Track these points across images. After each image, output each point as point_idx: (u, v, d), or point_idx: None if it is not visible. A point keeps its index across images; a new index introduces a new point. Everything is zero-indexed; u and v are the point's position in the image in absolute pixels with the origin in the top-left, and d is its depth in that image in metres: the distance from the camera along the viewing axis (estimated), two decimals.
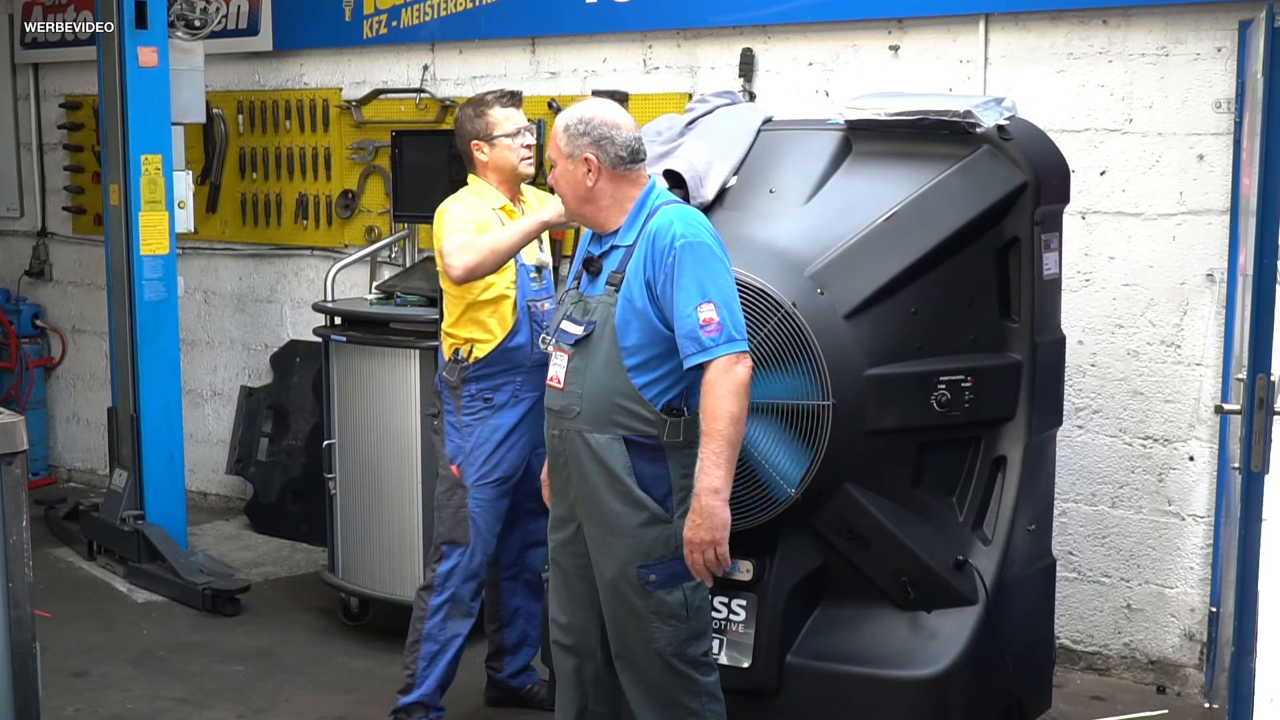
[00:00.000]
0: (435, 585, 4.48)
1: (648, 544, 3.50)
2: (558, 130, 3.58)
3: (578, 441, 3.54)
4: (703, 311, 3.35)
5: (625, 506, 3.49)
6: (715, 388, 3.34)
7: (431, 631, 4.47)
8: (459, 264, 4.19)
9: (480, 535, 4.48)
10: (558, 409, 3.59)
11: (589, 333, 3.52)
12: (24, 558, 3.17)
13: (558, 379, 3.58)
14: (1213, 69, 4.76)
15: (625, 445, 3.48)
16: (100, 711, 4.89)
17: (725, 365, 3.35)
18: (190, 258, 7.37)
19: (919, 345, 3.89)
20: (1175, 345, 4.91)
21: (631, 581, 3.51)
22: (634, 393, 3.46)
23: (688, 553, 3.40)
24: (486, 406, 4.47)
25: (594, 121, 3.53)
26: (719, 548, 3.37)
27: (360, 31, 6.68)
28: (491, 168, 4.51)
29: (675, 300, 3.39)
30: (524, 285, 4.47)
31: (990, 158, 3.94)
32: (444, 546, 4.49)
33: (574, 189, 3.58)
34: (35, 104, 8.12)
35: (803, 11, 5.49)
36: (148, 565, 6.21)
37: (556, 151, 3.58)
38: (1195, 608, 4.95)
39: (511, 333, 4.44)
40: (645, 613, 3.52)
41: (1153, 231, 4.92)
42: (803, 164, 4.15)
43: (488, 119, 4.49)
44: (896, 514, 3.90)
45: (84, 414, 8.20)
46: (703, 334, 3.35)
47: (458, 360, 4.47)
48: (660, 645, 3.54)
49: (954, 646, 3.83)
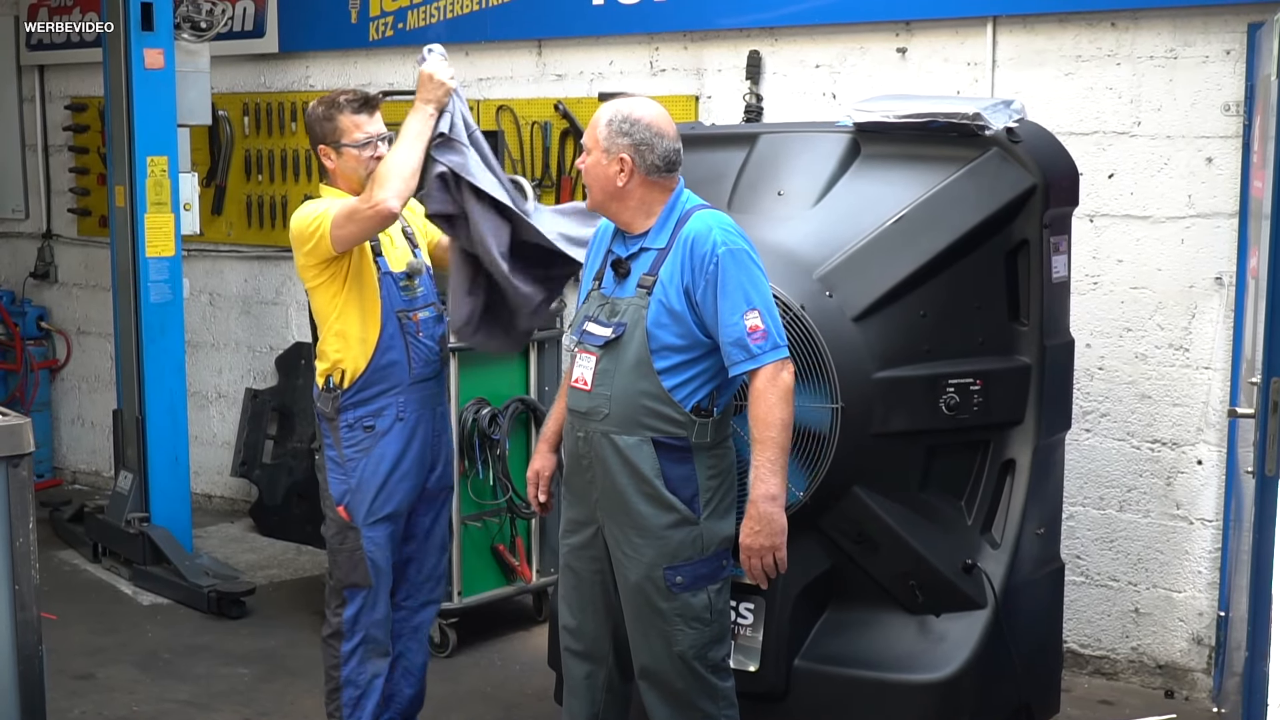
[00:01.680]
0: (344, 632, 4.15)
1: (675, 546, 3.50)
2: (599, 121, 3.53)
3: (604, 444, 3.52)
4: (749, 319, 3.39)
5: (653, 508, 3.48)
6: (766, 395, 3.38)
7: (351, 677, 4.16)
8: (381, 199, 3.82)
9: (381, 574, 4.15)
10: (584, 410, 3.56)
11: (619, 335, 3.50)
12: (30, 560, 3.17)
13: (585, 380, 3.55)
14: (1221, 71, 4.75)
15: (654, 447, 3.47)
16: (105, 714, 4.89)
17: (772, 372, 3.39)
18: (195, 260, 7.37)
19: (928, 348, 3.88)
20: (1183, 349, 4.90)
21: (658, 584, 3.51)
22: (664, 394, 3.46)
23: (745, 559, 3.45)
24: (369, 435, 4.09)
25: (640, 124, 3.50)
26: (778, 552, 3.43)
27: (366, 34, 6.68)
28: (340, 175, 4.12)
29: (720, 308, 3.41)
30: (391, 295, 4.09)
31: (999, 160, 3.93)
32: (345, 591, 4.15)
33: (603, 184, 3.55)
34: (40, 105, 8.12)
35: (810, 14, 5.48)
36: (153, 568, 6.21)
37: (593, 141, 3.54)
38: (1203, 612, 4.93)
39: (383, 349, 4.07)
40: (670, 615, 3.52)
41: (1161, 234, 4.91)
42: (811, 166, 4.14)
43: (336, 123, 4.07)
44: (905, 517, 3.89)
45: (89, 416, 8.20)
46: (750, 341, 3.38)
47: (330, 389, 4.10)
48: (683, 648, 3.54)
49: (962, 650, 3.82)
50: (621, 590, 3.61)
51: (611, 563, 3.64)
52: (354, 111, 4.07)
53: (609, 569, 3.65)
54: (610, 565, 3.65)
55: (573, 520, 3.71)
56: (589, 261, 3.77)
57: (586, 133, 3.59)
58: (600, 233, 3.76)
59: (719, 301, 3.41)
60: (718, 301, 3.41)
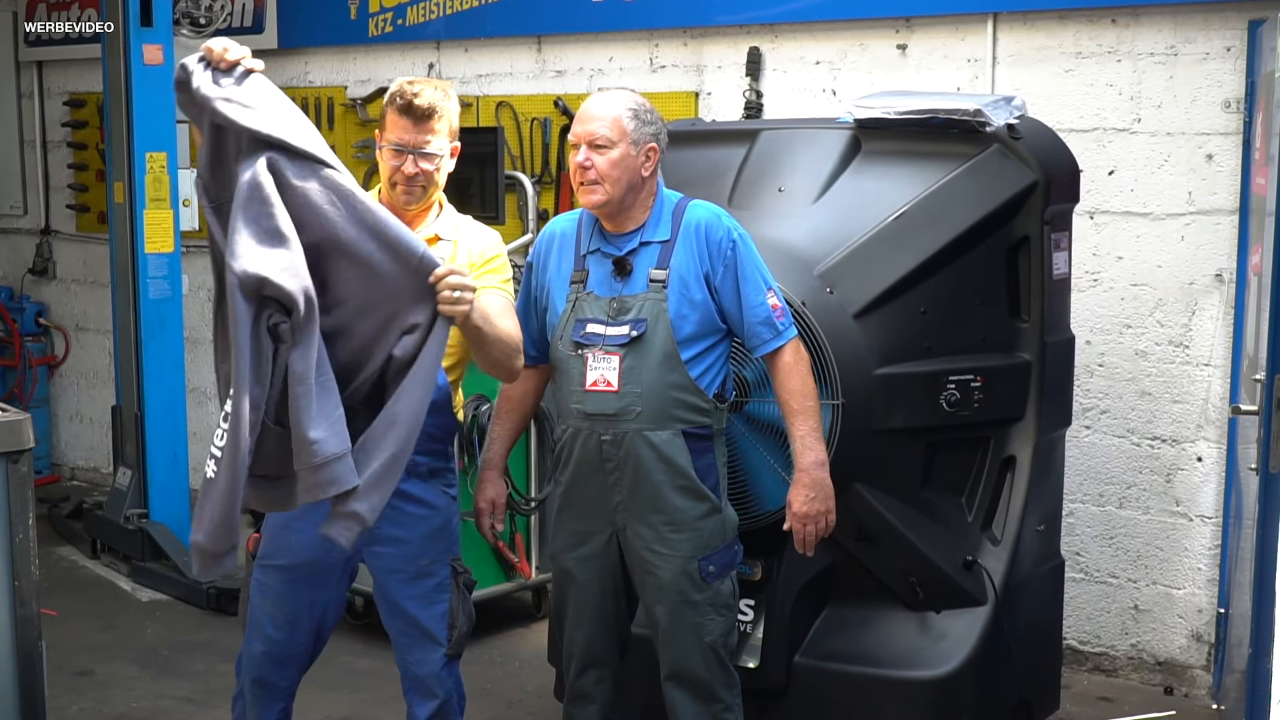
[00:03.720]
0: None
1: (707, 535, 3.54)
2: (620, 114, 3.45)
3: (639, 442, 3.49)
4: (770, 299, 3.51)
5: (689, 500, 3.51)
6: (797, 368, 3.51)
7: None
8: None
9: (255, 625, 3.61)
10: (613, 412, 3.49)
11: (641, 332, 3.48)
12: (30, 556, 3.16)
13: (609, 382, 3.49)
14: (1222, 68, 4.75)
15: (684, 439, 3.50)
16: (105, 710, 4.88)
17: (795, 346, 3.54)
18: (195, 255, 7.33)
19: (928, 345, 3.88)
20: (1183, 345, 4.89)
21: (693, 576, 3.53)
22: (691, 384, 3.49)
23: (799, 526, 3.53)
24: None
25: (655, 113, 3.56)
26: (830, 516, 3.55)
27: (365, 29, 6.67)
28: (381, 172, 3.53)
29: (743, 290, 3.49)
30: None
31: (1000, 157, 3.92)
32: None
33: (630, 176, 3.46)
34: (39, 102, 8.11)
35: (810, 10, 5.47)
36: (152, 564, 6.20)
37: (619, 133, 3.44)
38: (1203, 609, 4.93)
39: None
40: (703, 605, 3.55)
41: (1161, 231, 4.91)
42: (812, 163, 4.14)
43: (385, 116, 3.46)
44: (905, 514, 3.89)
45: (87, 412, 8.19)
46: (776, 320, 3.49)
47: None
48: (714, 637, 3.58)
49: (963, 647, 3.83)
50: (653, 592, 3.57)
51: (626, 568, 3.62)
52: (398, 113, 3.42)
53: (621, 574, 3.63)
54: (623, 571, 3.63)
55: (579, 531, 3.64)
56: (551, 266, 3.60)
57: (600, 127, 3.44)
58: (556, 234, 3.63)
59: (741, 285, 3.49)
60: (740, 285, 3.49)
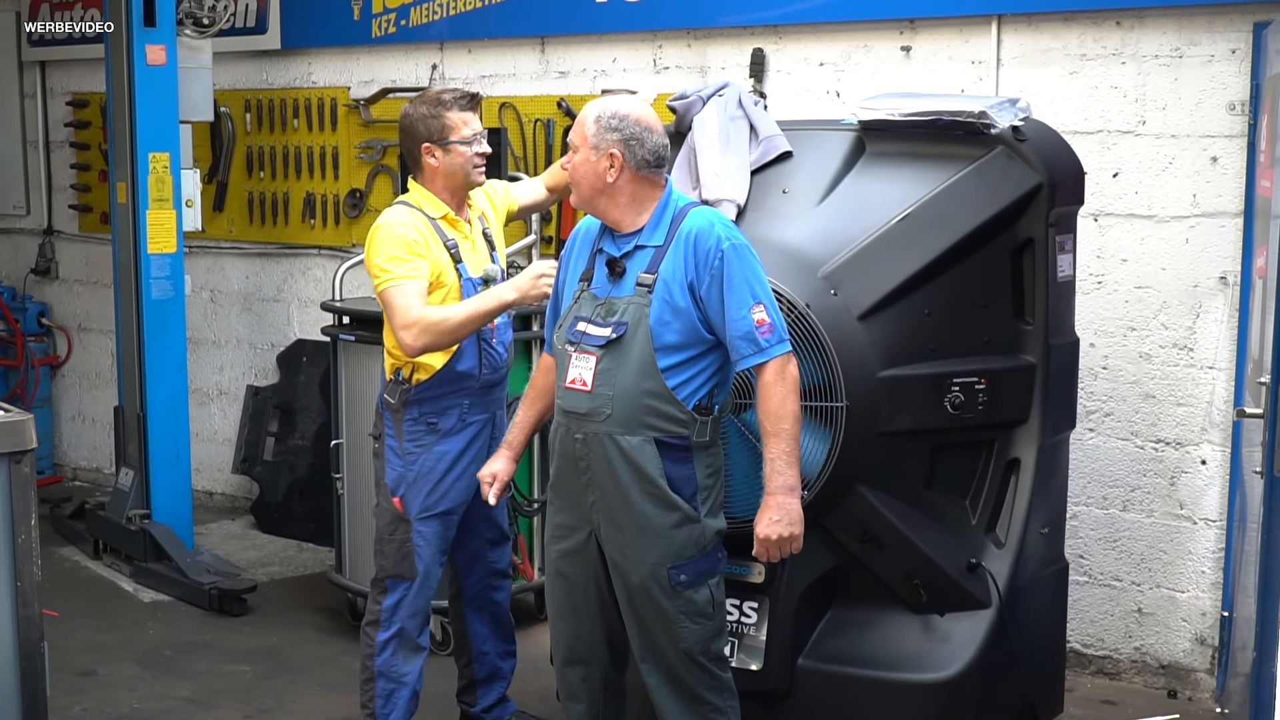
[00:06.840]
0: (381, 620, 4.18)
1: (679, 544, 3.51)
2: (586, 118, 3.55)
3: (607, 444, 3.51)
4: (756, 313, 3.42)
5: (657, 508, 3.48)
6: (776, 388, 3.42)
7: (383, 669, 4.19)
8: (415, 344, 3.95)
9: (427, 569, 4.17)
10: (584, 412, 3.54)
11: (620, 334, 3.49)
12: (32, 556, 3.16)
13: (584, 381, 3.53)
14: (1227, 71, 4.74)
15: (656, 447, 3.47)
16: (107, 711, 4.88)
17: (780, 365, 3.43)
18: (197, 256, 7.36)
19: (933, 347, 3.87)
20: (1188, 348, 4.88)
21: (662, 583, 3.51)
22: (667, 393, 3.46)
23: (762, 550, 3.49)
24: (431, 432, 4.12)
25: (629, 119, 3.52)
26: (796, 542, 3.50)
27: (369, 30, 6.66)
28: (441, 174, 4.12)
29: (727, 303, 3.43)
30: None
31: (1005, 159, 3.91)
32: (388, 581, 4.19)
33: (592, 181, 3.55)
34: (42, 102, 8.11)
35: (814, 11, 5.47)
36: (154, 564, 6.19)
37: (581, 139, 3.55)
38: (1207, 612, 4.92)
39: (457, 355, 4.10)
40: (674, 613, 3.53)
41: (1165, 234, 4.90)
42: (816, 164, 4.13)
43: (445, 121, 4.08)
44: (909, 516, 3.88)
45: (90, 413, 8.19)
46: (759, 335, 3.41)
47: (399, 381, 4.13)
48: (689, 644, 3.55)
49: (966, 650, 3.82)
50: (621, 592, 3.60)
51: (606, 565, 3.63)
52: (461, 109, 4.10)
53: (603, 571, 3.64)
54: (604, 568, 3.64)
55: (563, 525, 3.68)
56: (571, 261, 3.74)
57: (573, 131, 3.60)
58: (582, 231, 3.74)
59: (726, 296, 3.43)
60: (724, 296, 3.43)
